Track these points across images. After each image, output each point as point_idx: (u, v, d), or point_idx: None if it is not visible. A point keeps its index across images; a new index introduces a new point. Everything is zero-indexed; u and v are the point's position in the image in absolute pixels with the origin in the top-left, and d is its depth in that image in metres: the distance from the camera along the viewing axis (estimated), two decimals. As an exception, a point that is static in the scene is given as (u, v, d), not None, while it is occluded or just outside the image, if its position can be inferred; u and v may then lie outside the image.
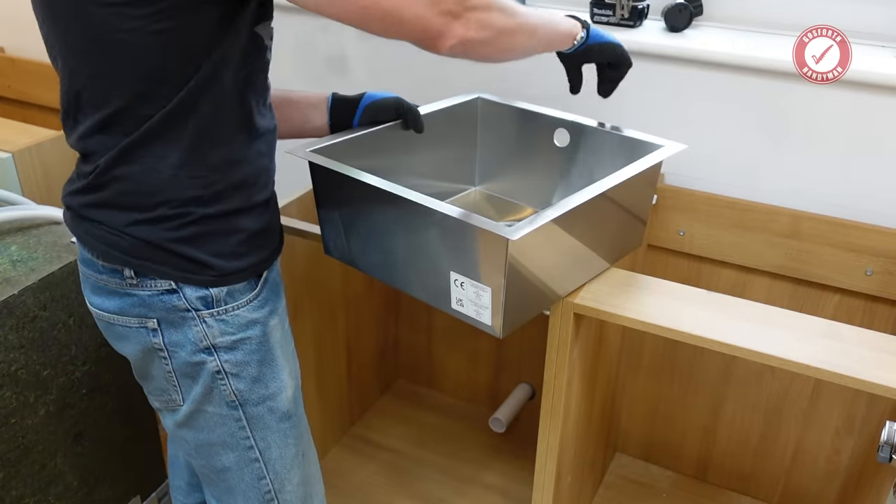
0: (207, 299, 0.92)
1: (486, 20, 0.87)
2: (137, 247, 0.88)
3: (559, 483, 1.27)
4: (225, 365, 0.95)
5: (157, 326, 0.92)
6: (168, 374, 0.96)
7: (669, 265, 1.54)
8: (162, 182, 0.86)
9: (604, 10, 1.46)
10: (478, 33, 0.86)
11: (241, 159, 0.91)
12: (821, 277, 1.41)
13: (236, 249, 0.93)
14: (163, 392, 0.99)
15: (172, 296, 0.91)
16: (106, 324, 0.97)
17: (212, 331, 0.93)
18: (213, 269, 0.91)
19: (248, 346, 0.96)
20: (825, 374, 0.96)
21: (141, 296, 0.91)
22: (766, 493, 1.64)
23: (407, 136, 1.26)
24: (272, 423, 1.00)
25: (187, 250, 0.89)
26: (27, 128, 1.73)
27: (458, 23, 0.84)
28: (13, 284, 1.18)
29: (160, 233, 0.88)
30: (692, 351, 1.56)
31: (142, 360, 0.97)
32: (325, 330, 1.59)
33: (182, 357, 0.94)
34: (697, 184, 1.46)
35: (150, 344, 0.94)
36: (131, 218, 0.88)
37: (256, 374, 0.97)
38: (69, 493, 1.35)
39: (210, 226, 0.90)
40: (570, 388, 1.19)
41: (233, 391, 0.96)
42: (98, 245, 0.90)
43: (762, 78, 1.34)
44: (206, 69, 0.84)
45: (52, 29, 0.85)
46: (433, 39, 0.85)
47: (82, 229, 0.91)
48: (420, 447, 1.79)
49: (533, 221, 0.95)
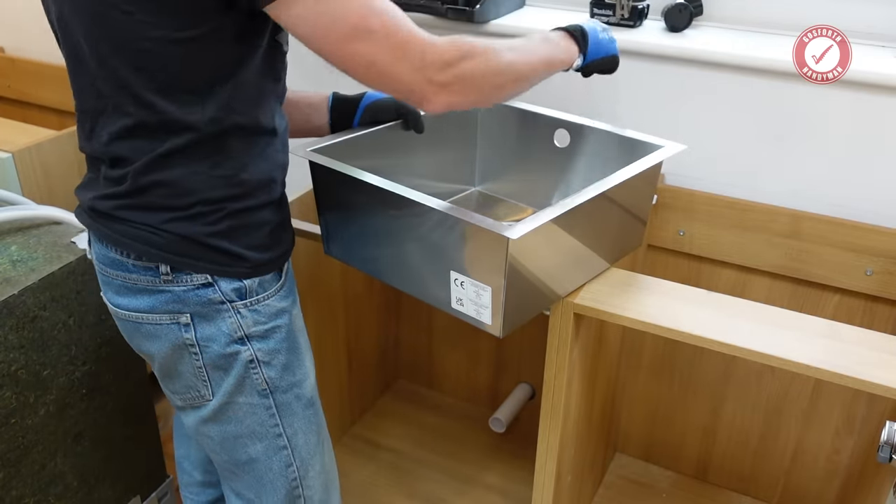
0: (241, 290, 0.95)
1: (471, 83, 0.89)
2: (175, 242, 0.91)
3: (559, 483, 1.27)
4: (258, 353, 0.97)
5: (190, 321, 0.94)
6: (198, 369, 0.97)
7: (669, 265, 1.54)
8: (197, 183, 0.89)
9: (604, 9, 1.46)
10: (463, 97, 0.89)
11: (266, 157, 0.94)
12: (821, 277, 1.41)
13: (264, 241, 0.96)
14: (189, 389, 1.00)
15: (208, 289, 0.93)
16: (133, 324, 0.97)
17: (245, 321, 0.96)
18: (247, 260, 0.94)
19: (278, 335, 0.99)
20: (825, 374, 0.96)
21: (175, 291, 0.93)
22: (766, 493, 1.64)
23: (407, 137, 1.26)
24: (299, 410, 1.04)
25: (223, 244, 0.92)
26: (27, 128, 1.73)
27: (442, 91, 0.86)
28: (13, 284, 1.18)
29: (197, 228, 0.91)
30: (692, 351, 1.56)
31: (170, 358, 0.98)
32: (325, 330, 1.59)
33: (214, 350, 0.96)
34: (697, 184, 1.46)
35: (182, 340, 0.95)
36: (168, 216, 0.90)
37: (286, 362, 1.01)
38: (69, 493, 1.35)
39: (242, 220, 0.93)
40: (570, 388, 1.19)
41: (265, 379, 0.99)
42: (134, 244, 0.91)
43: (762, 78, 1.34)
44: (232, 75, 0.86)
45: (82, 35, 0.85)
46: (418, 103, 0.88)
47: (115, 231, 0.92)
48: (420, 447, 1.79)
49: (533, 221, 0.95)
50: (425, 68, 0.84)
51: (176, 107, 0.85)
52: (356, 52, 0.82)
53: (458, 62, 0.86)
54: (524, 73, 0.97)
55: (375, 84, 0.87)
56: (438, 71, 0.85)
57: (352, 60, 0.83)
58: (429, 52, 0.84)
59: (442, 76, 0.86)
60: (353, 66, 0.83)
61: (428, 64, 0.84)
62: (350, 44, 0.81)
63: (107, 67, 0.84)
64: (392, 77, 0.84)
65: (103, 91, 0.86)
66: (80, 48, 0.86)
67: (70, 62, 0.90)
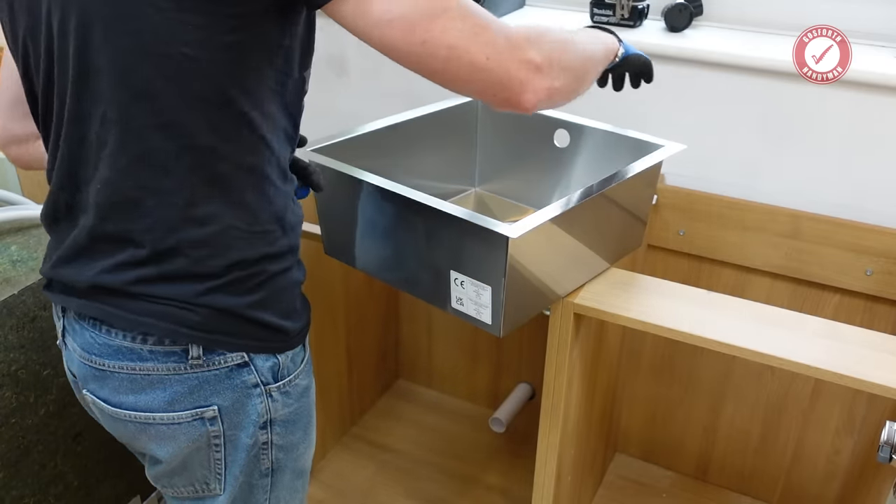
0: (276, 369, 0.84)
1: (563, 62, 0.76)
2: (212, 318, 0.78)
3: (559, 483, 1.27)
4: (275, 437, 0.87)
5: (217, 413, 0.82)
6: (217, 462, 0.85)
7: (669, 265, 1.54)
8: (235, 240, 0.77)
9: (604, 10, 1.46)
10: (562, 81, 0.76)
11: (291, 205, 0.83)
12: (821, 277, 1.41)
13: (296, 306, 0.86)
14: (195, 482, 0.88)
15: (242, 370, 0.81)
16: (138, 426, 0.83)
17: (276, 405, 0.85)
18: (284, 332, 0.84)
19: (298, 416, 0.90)
20: (825, 374, 0.96)
21: (204, 377, 0.80)
22: (766, 493, 1.64)
23: (407, 137, 1.26)
24: (289, 483, 0.94)
25: (263, 315, 0.80)
26: (27, 128, 1.73)
27: (540, 75, 0.73)
28: (13, 284, 1.18)
29: (236, 299, 0.78)
30: (692, 351, 1.56)
31: (184, 457, 0.85)
32: (325, 330, 1.59)
33: (241, 440, 0.84)
34: (697, 184, 1.46)
35: (206, 434, 0.83)
36: (204, 287, 0.77)
37: (296, 441, 0.91)
38: (69, 493, 1.35)
39: (277, 284, 0.82)
40: (570, 388, 1.19)
41: (272, 461, 0.89)
42: (157, 324, 0.77)
43: (762, 78, 1.34)
44: (265, 98, 0.75)
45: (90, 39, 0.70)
46: (516, 94, 0.73)
47: (127, 310, 0.77)
48: (420, 447, 1.79)
49: (533, 220, 0.95)
50: (517, 48, 0.71)
51: (203, 132, 0.72)
52: (433, 37, 0.68)
53: (540, 37, 0.74)
54: (591, 51, 0.87)
55: (456, 76, 0.71)
56: (534, 50, 0.72)
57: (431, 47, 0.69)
58: (515, 33, 0.72)
59: (538, 56, 0.72)
60: (433, 52, 0.69)
61: (517, 43, 0.71)
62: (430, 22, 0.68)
63: (124, 78, 0.71)
64: (473, 63, 0.70)
65: (112, 111, 0.72)
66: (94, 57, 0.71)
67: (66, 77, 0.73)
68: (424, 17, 0.68)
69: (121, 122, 0.72)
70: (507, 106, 0.74)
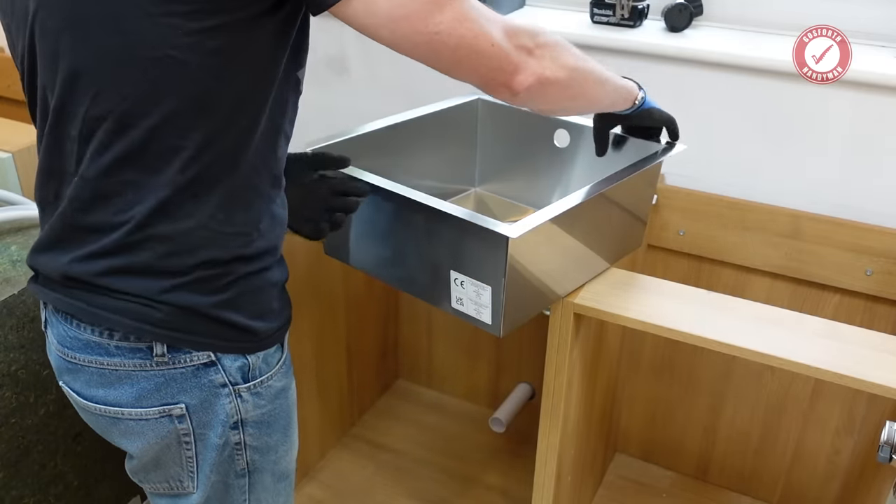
0: (245, 369, 0.84)
1: (559, 58, 0.81)
2: (176, 316, 0.78)
3: (559, 483, 1.27)
4: (248, 438, 0.87)
5: (185, 411, 0.82)
6: (188, 459, 0.86)
7: (669, 265, 1.54)
8: (206, 240, 0.77)
9: (604, 10, 1.46)
10: (553, 72, 0.80)
11: (272, 209, 0.83)
12: (821, 277, 1.41)
13: (272, 306, 0.85)
14: (170, 479, 0.89)
15: (209, 369, 0.81)
16: (109, 419, 0.84)
17: (245, 405, 0.85)
18: (254, 333, 0.83)
19: (273, 418, 0.89)
20: (825, 374, 0.96)
21: (170, 374, 0.81)
22: (766, 493, 1.64)
23: (407, 137, 1.26)
24: (270, 485, 0.94)
25: (229, 315, 0.80)
26: (27, 128, 1.72)
27: (532, 59, 0.78)
28: (13, 284, 1.18)
29: (200, 298, 0.78)
30: (692, 351, 1.56)
31: (155, 452, 0.86)
32: (325, 330, 1.59)
33: (210, 440, 0.85)
34: (697, 184, 1.46)
35: (175, 431, 0.83)
36: (169, 283, 0.77)
37: (273, 443, 0.91)
38: (69, 493, 1.35)
39: (250, 284, 0.82)
40: (570, 388, 1.19)
41: (247, 462, 0.89)
42: (121, 321, 0.78)
43: (762, 78, 1.34)
44: (254, 100, 0.76)
45: (76, 39, 0.72)
46: (509, 75, 0.77)
47: (93, 304, 0.78)
48: (420, 447, 1.79)
49: (533, 220, 0.95)
50: (511, 35, 0.76)
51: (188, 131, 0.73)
52: (444, 28, 0.71)
53: (539, 34, 0.80)
54: (602, 72, 0.91)
55: (462, 62, 0.75)
56: (526, 37, 0.78)
57: (443, 36, 0.72)
58: (509, 22, 0.77)
59: (530, 41, 0.78)
60: (442, 44, 0.72)
61: (511, 31, 0.77)
62: (439, 14, 0.71)
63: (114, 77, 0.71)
64: (478, 49, 0.74)
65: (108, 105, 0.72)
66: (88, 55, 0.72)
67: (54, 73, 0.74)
68: (434, 8, 0.71)
69: (105, 121, 0.73)
70: (502, 88, 0.78)
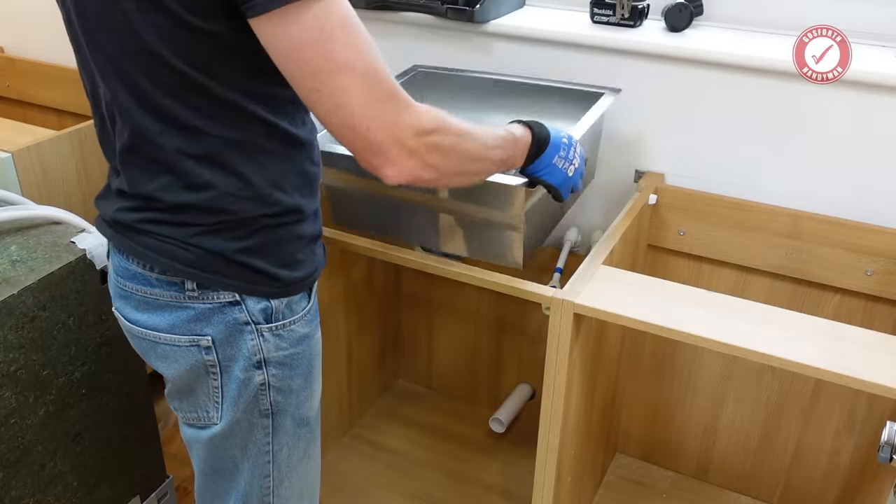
0: (268, 311, 0.91)
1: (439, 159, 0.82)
2: (203, 258, 0.87)
3: (559, 483, 1.27)
4: (271, 379, 0.94)
5: (212, 344, 0.90)
6: (214, 389, 0.94)
7: (669, 265, 1.53)
8: (229, 204, 0.86)
9: (604, 9, 1.46)
10: (427, 173, 0.82)
11: (297, 167, 0.90)
12: (821, 277, 1.41)
13: (297, 258, 0.92)
14: (198, 409, 0.96)
15: (234, 308, 0.89)
16: (149, 343, 0.94)
17: (267, 345, 0.92)
18: (277, 280, 0.90)
19: (296, 362, 0.96)
20: (825, 374, 0.96)
21: (200, 309, 0.89)
22: (766, 493, 1.64)
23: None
24: (291, 429, 1.00)
25: (253, 261, 0.88)
26: (27, 128, 1.73)
27: (410, 158, 0.79)
28: (13, 284, 1.18)
29: (226, 244, 0.87)
30: (692, 351, 1.56)
31: (186, 379, 0.94)
32: (325, 330, 1.58)
33: (234, 373, 0.92)
34: (698, 184, 1.46)
35: (203, 361, 0.92)
36: (197, 230, 0.86)
37: (296, 387, 0.97)
38: (69, 493, 1.35)
39: (275, 234, 0.89)
40: (570, 388, 1.19)
41: (271, 402, 0.95)
42: (159, 258, 0.87)
43: (762, 78, 1.34)
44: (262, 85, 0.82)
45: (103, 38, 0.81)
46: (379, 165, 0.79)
47: (137, 243, 0.89)
48: (420, 447, 1.79)
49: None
50: (398, 126, 0.77)
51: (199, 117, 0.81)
52: (333, 87, 0.74)
53: (433, 132, 0.80)
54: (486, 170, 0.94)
55: (337, 128, 0.78)
56: (412, 135, 0.78)
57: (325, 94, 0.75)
58: (407, 112, 0.78)
59: (414, 141, 0.78)
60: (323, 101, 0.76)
61: (402, 123, 0.77)
62: (330, 77, 0.74)
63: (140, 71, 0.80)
64: (358, 126, 0.76)
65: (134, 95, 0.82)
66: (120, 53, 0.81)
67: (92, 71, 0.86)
68: (327, 68, 0.74)
69: (116, 103, 0.84)
70: (371, 170, 0.81)
